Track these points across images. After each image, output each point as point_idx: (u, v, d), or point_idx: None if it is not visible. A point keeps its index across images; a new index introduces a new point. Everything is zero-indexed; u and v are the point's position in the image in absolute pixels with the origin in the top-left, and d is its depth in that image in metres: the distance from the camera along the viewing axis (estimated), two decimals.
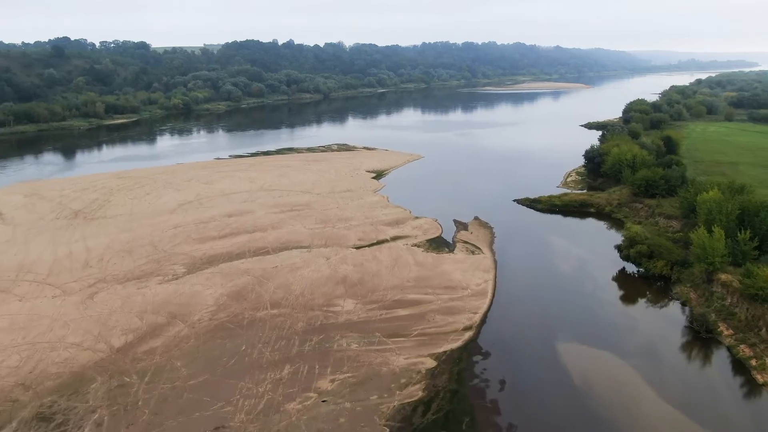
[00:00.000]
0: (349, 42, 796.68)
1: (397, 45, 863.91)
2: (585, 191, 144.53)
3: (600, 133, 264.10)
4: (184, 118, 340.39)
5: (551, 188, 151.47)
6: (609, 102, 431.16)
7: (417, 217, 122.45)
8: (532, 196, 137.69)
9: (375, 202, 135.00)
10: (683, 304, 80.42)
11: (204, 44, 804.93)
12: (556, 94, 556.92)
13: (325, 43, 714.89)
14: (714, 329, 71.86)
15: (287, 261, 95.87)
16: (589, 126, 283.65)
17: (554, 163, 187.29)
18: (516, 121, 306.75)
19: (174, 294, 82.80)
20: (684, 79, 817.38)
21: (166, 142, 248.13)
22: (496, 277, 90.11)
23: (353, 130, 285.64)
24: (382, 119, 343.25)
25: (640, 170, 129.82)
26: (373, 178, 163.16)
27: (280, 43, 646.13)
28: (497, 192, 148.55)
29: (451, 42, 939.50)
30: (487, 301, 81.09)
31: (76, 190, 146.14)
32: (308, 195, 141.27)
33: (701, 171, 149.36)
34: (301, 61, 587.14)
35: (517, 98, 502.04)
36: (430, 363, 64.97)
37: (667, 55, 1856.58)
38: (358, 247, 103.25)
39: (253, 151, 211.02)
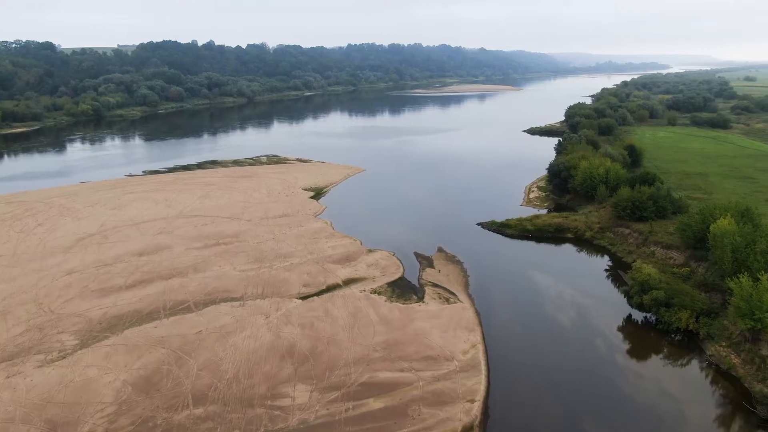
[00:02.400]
0: (272, 43, 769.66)
1: (322, 46, 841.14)
2: (555, 212, 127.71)
3: (545, 139, 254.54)
4: (94, 125, 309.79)
5: (514, 206, 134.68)
6: (543, 105, 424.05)
7: (370, 251, 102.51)
8: (497, 219, 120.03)
9: (317, 230, 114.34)
10: (727, 372, 63.38)
11: (118, 45, 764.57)
12: (486, 96, 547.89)
13: (248, 44, 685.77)
14: None
15: (215, 322, 74.24)
16: (532, 131, 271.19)
17: (508, 174, 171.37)
18: (456, 127, 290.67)
19: (57, 386, 60.05)
20: (604, 81, 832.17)
21: (70, 155, 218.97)
22: (484, 338, 71.15)
23: (282, 137, 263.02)
24: (313, 125, 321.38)
25: (621, 188, 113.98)
26: (312, 197, 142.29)
27: (199, 43, 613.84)
28: (456, 213, 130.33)
29: (377, 44, 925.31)
30: (483, 379, 61.92)
31: None
32: (237, 222, 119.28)
33: (674, 185, 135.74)
34: (223, 63, 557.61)
35: (449, 101, 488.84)
36: None
37: (585, 57, 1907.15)
38: (303, 297, 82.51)
39: (171, 165, 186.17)
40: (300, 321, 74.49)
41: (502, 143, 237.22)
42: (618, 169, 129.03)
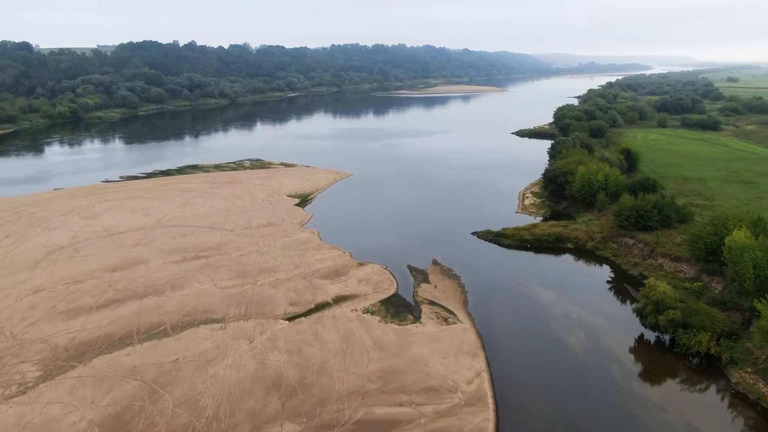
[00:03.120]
0: (255, 43, 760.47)
1: (305, 47, 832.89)
2: (553, 220, 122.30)
3: (534, 141, 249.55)
4: (71, 128, 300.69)
5: (509, 213, 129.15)
6: (529, 106, 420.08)
7: (361, 264, 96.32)
8: (492, 227, 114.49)
9: (304, 241, 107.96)
10: (756, 403, 57.94)
11: (98, 45, 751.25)
12: (471, 97, 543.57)
13: (230, 45, 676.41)
14: None
15: (193, 348, 67.72)
16: (521, 134, 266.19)
17: (500, 179, 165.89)
18: (444, 129, 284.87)
19: (15, 428, 53.34)
20: (587, 81, 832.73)
21: (45, 159, 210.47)
22: (489, 364, 65.22)
23: (266, 140, 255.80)
24: (297, 126, 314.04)
25: (622, 196, 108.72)
26: (297, 204, 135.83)
27: (181, 44, 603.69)
28: (448, 220, 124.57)
29: (360, 44, 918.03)
30: (491, 414, 55.96)
31: None
32: (219, 233, 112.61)
33: (674, 190, 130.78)
34: (205, 64, 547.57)
35: (435, 102, 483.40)
36: None
37: (567, 58, 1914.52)
38: (290, 318, 76.18)
39: (150, 170, 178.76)
40: (287, 346, 68.16)
41: (491, 146, 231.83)
42: (617, 174, 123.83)
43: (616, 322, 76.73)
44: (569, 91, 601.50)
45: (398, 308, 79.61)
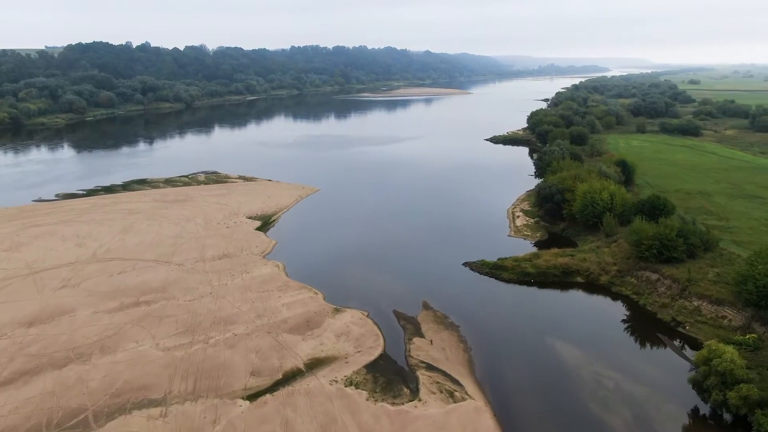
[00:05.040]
0: (212, 45, 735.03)
1: (264, 48, 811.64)
2: (551, 242, 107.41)
3: (509, 148, 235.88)
4: (11, 135, 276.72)
5: (501, 237, 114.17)
6: (497, 110, 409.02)
7: (337, 309, 79.72)
8: (484, 253, 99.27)
9: (267, 279, 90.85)
10: None
11: (46, 46, 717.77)
12: (436, 100, 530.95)
13: (186, 46, 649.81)
14: None
15: None
16: (495, 140, 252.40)
17: (483, 192, 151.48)
18: (414, 136, 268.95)
19: None
20: (548, 84, 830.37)
21: None
22: None
23: (223, 148, 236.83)
24: (257, 133, 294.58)
25: (635, 220, 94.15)
26: (258, 228, 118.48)
27: (134, 45, 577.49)
28: (434, 246, 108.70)
29: (321, 46, 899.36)
30: None
31: None
32: (165, 268, 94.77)
33: (679, 208, 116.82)
34: (159, 66, 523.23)
35: (400, 106, 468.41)
36: None
37: (526, 60, 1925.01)
38: (252, 396, 59.20)
39: (92, 185, 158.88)
40: None
41: (466, 154, 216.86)
42: (624, 193, 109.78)
43: (664, 392, 61.42)
44: (533, 93, 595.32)
45: (389, 377, 63.15)
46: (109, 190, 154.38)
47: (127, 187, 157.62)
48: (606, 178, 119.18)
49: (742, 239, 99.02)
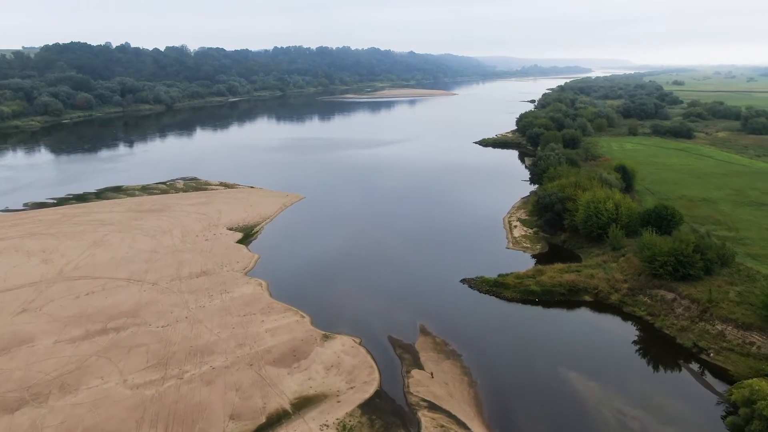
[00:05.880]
0: (193, 46, 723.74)
1: (247, 49, 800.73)
2: (551, 254, 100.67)
3: (499, 151, 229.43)
4: None
5: (498, 248, 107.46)
6: (483, 111, 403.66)
7: (326, 336, 72.33)
8: (484, 270, 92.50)
9: (249, 300, 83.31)
10: None
11: (23, 47, 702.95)
12: (421, 101, 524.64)
13: (167, 47, 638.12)
14: None
15: None
16: (484, 143, 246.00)
17: (476, 199, 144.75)
18: (401, 139, 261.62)
19: None
20: (532, 84, 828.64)
21: None
22: None
23: (204, 151, 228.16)
24: (239, 136, 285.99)
25: (644, 233, 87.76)
26: (240, 241, 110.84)
27: (113, 46, 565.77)
28: (429, 259, 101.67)
29: (304, 47, 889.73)
30: None
31: None
32: (137, 288, 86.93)
33: (686, 217, 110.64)
34: (139, 67, 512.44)
35: (385, 107, 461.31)
36: None
37: (509, 61, 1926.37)
38: None
39: (63, 194, 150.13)
40: None
41: (455, 158, 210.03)
42: (629, 203, 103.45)
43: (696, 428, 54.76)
44: (518, 94, 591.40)
45: (387, 419, 55.87)
46: (82, 198, 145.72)
47: (100, 195, 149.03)
48: (608, 186, 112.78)
49: (756, 252, 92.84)
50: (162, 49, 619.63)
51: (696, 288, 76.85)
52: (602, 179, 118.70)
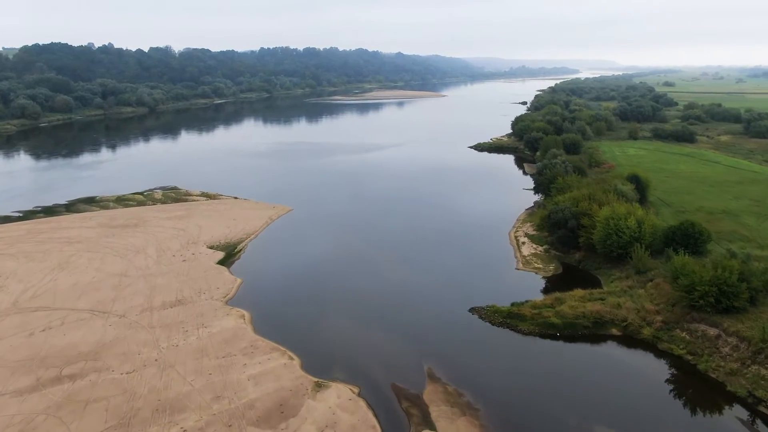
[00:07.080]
0: (178, 47, 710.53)
1: (233, 50, 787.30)
2: (581, 289, 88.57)
3: (495, 156, 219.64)
4: None
5: (507, 270, 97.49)
6: (475, 114, 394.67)
7: (319, 384, 61.83)
8: (493, 298, 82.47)
9: (229, 337, 72.67)
10: None
11: (2, 48, 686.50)
12: (410, 103, 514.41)
13: (151, 48, 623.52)
14: None
15: None
16: (480, 148, 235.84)
17: (480, 211, 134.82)
18: (393, 143, 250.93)
19: None
20: (520, 85, 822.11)
21: None
22: None
23: (187, 156, 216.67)
24: (224, 139, 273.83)
25: (676, 257, 77.95)
26: (221, 262, 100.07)
27: (96, 46, 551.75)
28: (430, 283, 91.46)
29: (291, 47, 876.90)
30: None
31: None
32: (102, 322, 76.09)
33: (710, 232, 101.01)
34: (121, 68, 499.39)
35: (374, 110, 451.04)
36: None
37: (497, 62, 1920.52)
38: None
39: (30, 206, 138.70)
40: None
41: (450, 164, 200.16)
42: (653, 219, 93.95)
43: None
44: (508, 95, 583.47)
45: None
46: (51, 211, 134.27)
47: (71, 207, 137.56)
48: (625, 199, 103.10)
49: None
50: (146, 50, 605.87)
51: (743, 323, 67.01)
52: (618, 191, 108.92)
